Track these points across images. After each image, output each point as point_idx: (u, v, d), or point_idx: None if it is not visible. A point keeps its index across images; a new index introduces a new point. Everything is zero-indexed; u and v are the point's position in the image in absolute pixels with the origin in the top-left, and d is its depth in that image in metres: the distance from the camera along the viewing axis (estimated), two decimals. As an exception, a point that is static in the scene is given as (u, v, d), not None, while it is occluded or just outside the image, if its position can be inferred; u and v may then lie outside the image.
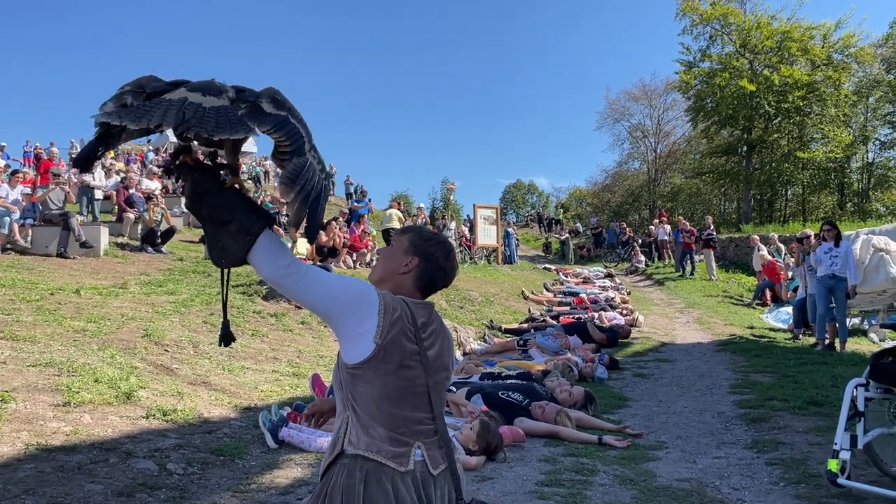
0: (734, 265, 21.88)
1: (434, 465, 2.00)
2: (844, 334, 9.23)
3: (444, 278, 2.13)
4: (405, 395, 1.98)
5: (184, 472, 3.67)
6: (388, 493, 1.92)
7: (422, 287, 2.11)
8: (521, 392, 5.52)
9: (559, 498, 3.56)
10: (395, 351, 1.95)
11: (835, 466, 3.52)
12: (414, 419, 2.01)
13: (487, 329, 10.90)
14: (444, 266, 2.11)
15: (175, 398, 5.07)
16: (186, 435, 4.31)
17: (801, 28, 31.25)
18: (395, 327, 1.95)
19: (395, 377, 1.96)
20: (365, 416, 1.96)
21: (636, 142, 45.69)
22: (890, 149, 35.30)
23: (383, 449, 1.94)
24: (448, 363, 2.13)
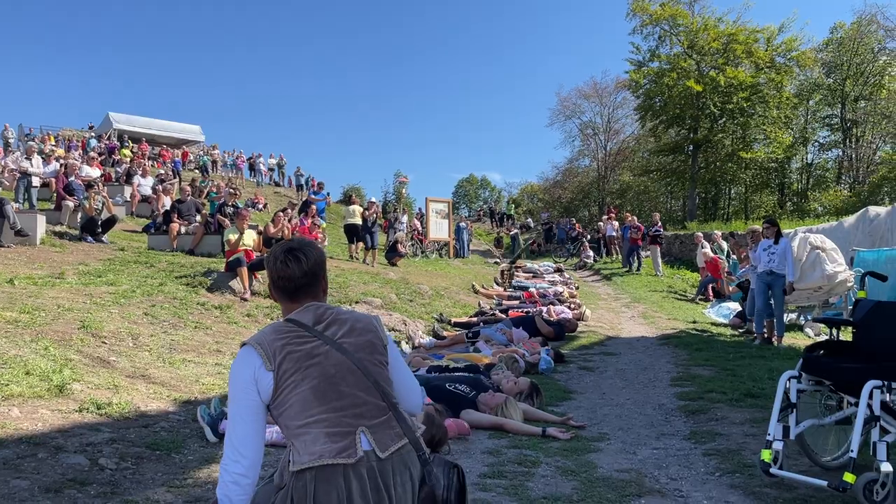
0: (679, 261, 22.39)
1: (383, 448, 2.03)
2: (781, 329, 9.51)
3: (284, 279, 2.23)
4: (325, 391, 2.04)
5: (116, 468, 3.56)
6: (339, 489, 1.94)
7: (283, 297, 2.26)
8: (468, 384, 5.53)
9: (501, 490, 3.57)
10: (290, 361, 2.05)
11: (768, 457, 3.62)
12: (347, 406, 2.04)
13: (437, 322, 10.90)
14: (275, 270, 2.23)
15: (111, 391, 4.92)
16: (121, 429, 4.18)
17: (746, 31, 32.10)
18: (280, 346, 2.06)
19: (305, 382, 2.04)
20: (300, 433, 2.02)
21: (587, 139, 46.37)
22: (828, 151, 36.63)
23: (325, 451, 1.97)
24: (370, 342, 2.18)
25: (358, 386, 2.09)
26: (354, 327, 2.19)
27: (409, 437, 2.11)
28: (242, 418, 2.06)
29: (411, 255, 19.37)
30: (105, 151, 26.83)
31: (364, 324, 2.23)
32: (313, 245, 2.34)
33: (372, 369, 2.14)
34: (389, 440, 2.06)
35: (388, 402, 2.13)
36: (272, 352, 2.06)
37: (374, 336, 2.22)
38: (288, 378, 2.04)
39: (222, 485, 2.05)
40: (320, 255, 2.32)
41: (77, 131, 36.41)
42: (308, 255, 2.26)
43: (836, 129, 35.57)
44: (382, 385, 2.14)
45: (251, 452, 2.05)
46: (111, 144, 29.23)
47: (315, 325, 2.15)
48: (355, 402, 2.07)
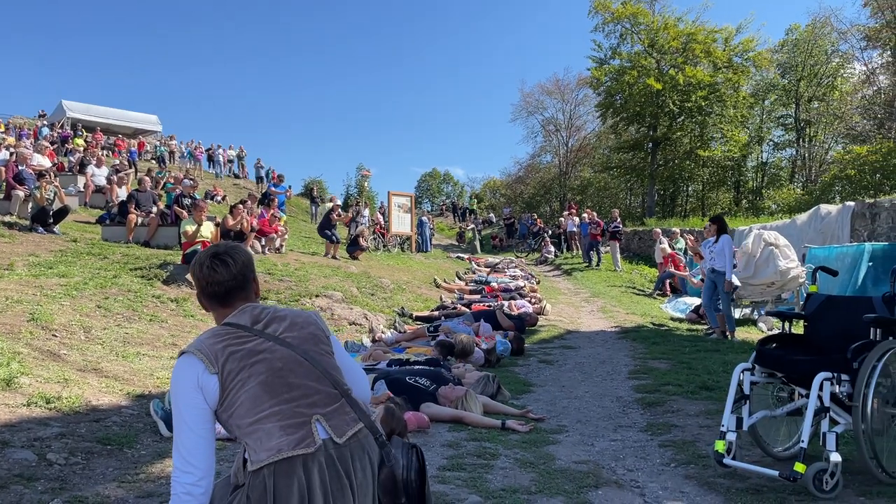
0: (638, 257, 22.72)
1: (340, 434, 2.01)
2: (731, 325, 9.69)
3: (213, 284, 2.18)
4: (274, 384, 2.00)
5: (66, 463, 3.46)
6: (299, 481, 1.91)
7: (214, 303, 2.21)
8: (428, 377, 5.52)
9: (459, 482, 3.57)
10: (234, 361, 2.00)
11: (721, 447, 3.69)
12: (298, 397, 2.01)
13: (398, 316, 10.86)
14: (202, 277, 2.19)
15: (61, 385, 4.78)
16: (71, 423, 4.07)
17: (705, 31, 32.64)
18: (220, 349, 2.01)
19: (252, 379, 1.99)
20: (253, 430, 1.97)
21: (549, 135, 46.65)
22: (782, 150, 37.52)
23: (283, 444, 1.93)
24: (312, 333, 2.16)
25: (307, 376, 2.06)
26: (295, 322, 2.16)
27: (364, 421, 2.10)
28: (189, 427, 2.00)
29: (373, 249, 19.26)
30: (58, 140, 26.10)
31: (304, 318, 2.20)
32: (239, 247, 2.29)
33: (319, 359, 2.11)
34: (346, 425, 2.04)
35: (340, 389, 2.10)
36: (213, 355, 2.01)
37: (316, 328, 2.19)
38: (234, 378, 1.99)
39: (175, 498, 1.98)
40: (248, 257, 2.26)
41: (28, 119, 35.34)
42: (235, 257, 2.21)
43: (790, 128, 36.46)
44: (332, 373, 2.12)
45: (202, 462, 1.99)
46: (64, 133, 28.44)
47: (254, 325, 2.11)
48: (306, 392, 2.03)
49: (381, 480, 2.07)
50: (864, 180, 22.81)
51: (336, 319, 9.53)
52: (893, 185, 20.95)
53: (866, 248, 10.85)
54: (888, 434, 3.57)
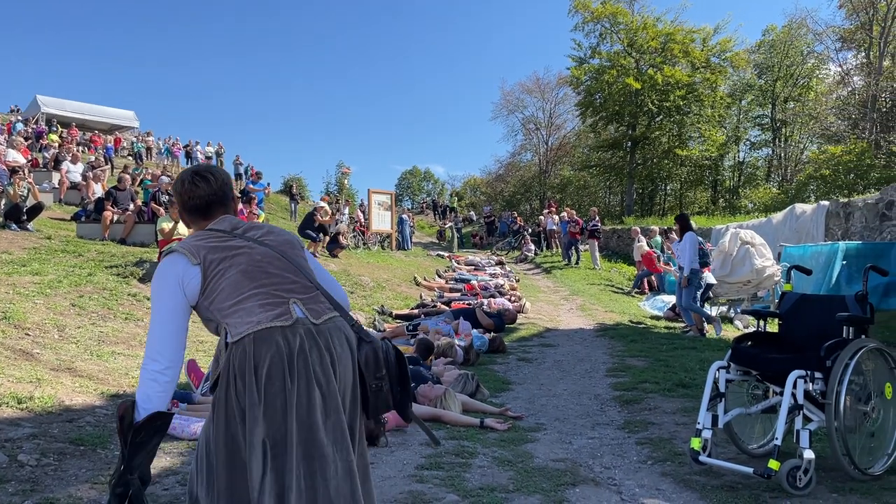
0: (616, 255, 22.85)
1: (316, 316, 2.14)
2: (687, 318, 9.79)
3: (195, 199, 2.32)
4: (253, 271, 2.15)
5: (37, 464, 3.40)
6: (277, 345, 2.03)
7: (196, 216, 2.34)
8: (407, 377, 5.51)
9: (437, 481, 3.56)
10: (216, 253, 2.14)
11: (697, 445, 3.72)
12: (277, 282, 2.16)
13: (378, 314, 10.84)
14: (184, 192, 2.32)
15: (33, 385, 4.71)
16: (43, 424, 4.00)
17: (684, 31, 32.89)
18: (202, 244, 2.16)
19: (233, 268, 2.13)
20: (234, 311, 2.09)
21: (529, 134, 46.74)
22: (759, 149, 37.95)
23: (263, 318, 2.06)
24: (288, 240, 2.33)
25: (284, 269, 2.20)
26: (273, 230, 2.33)
27: (339, 311, 2.23)
28: (163, 323, 2.11)
29: (353, 246, 19.20)
30: (32, 136, 25.67)
31: (280, 230, 2.37)
32: (221, 169, 2.45)
33: (295, 259, 2.25)
34: (321, 311, 2.17)
35: (315, 283, 2.24)
36: (195, 250, 2.14)
37: (292, 237, 2.37)
38: (216, 267, 2.12)
39: (141, 384, 2.08)
40: (227, 177, 2.41)
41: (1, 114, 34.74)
42: (216, 175, 2.36)
43: (766, 128, 36.88)
44: (307, 269, 2.25)
45: (170, 354, 2.09)
46: (39, 129, 27.98)
47: (234, 230, 2.25)
48: (284, 280, 2.17)
49: (363, 355, 2.18)
50: (838, 180, 23.13)
51: (315, 318, 9.48)
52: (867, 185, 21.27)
53: (840, 247, 10.99)
54: (860, 431, 3.63)
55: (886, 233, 11.71)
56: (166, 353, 2.09)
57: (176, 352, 2.12)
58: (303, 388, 2.03)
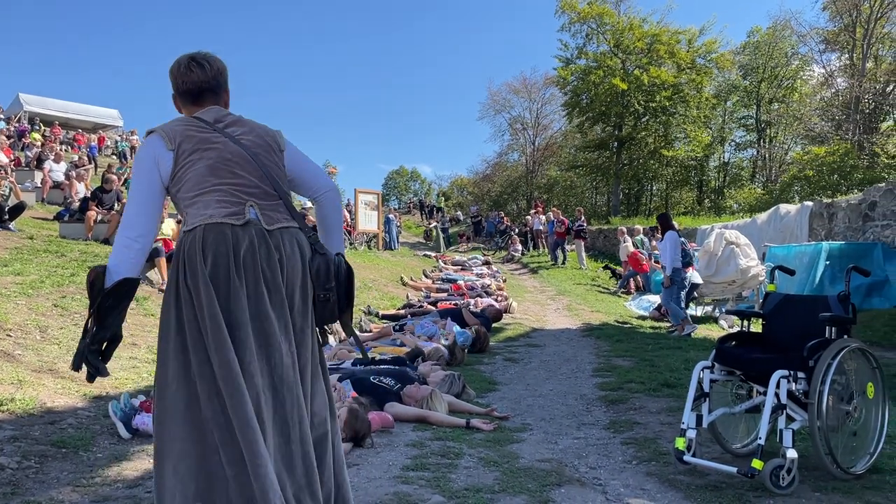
0: (603, 255, 22.93)
1: (270, 223, 2.25)
2: (676, 318, 9.83)
3: (188, 83, 2.40)
4: (220, 169, 2.24)
5: (18, 467, 3.36)
6: (225, 235, 2.17)
7: (187, 101, 2.42)
8: (393, 377, 5.50)
9: (423, 482, 3.56)
10: (190, 143, 2.24)
11: (682, 444, 3.73)
12: (239, 184, 2.25)
13: (364, 315, 10.81)
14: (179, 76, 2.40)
15: (14, 387, 4.65)
16: (24, 426, 3.96)
17: (669, 32, 33.09)
18: (180, 131, 2.26)
19: (202, 161, 2.22)
20: (194, 202, 2.21)
21: (516, 134, 46.85)
22: (743, 150, 38.25)
23: (216, 213, 2.18)
24: (267, 143, 2.38)
25: (252, 173, 2.29)
26: (254, 129, 2.39)
27: (298, 223, 2.35)
28: (140, 198, 2.25)
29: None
30: (14, 135, 25.39)
31: (263, 130, 2.42)
32: (217, 57, 2.50)
33: (267, 163, 2.33)
34: (276, 220, 2.28)
35: (280, 192, 2.33)
36: (172, 134, 2.25)
37: (272, 140, 2.41)
38: (186, 157, 2.23)
39: (114, 251, 2.21)
40: (223, 66, 2.48)
41: (-17, 113, 34.32)
42: (211, 62, 2.43)
43: (751, 129, 37.17)
44: (275, 177, 2.34)
45: (144, 222, 2.23)
46: (21, 127, 27.68)
47: (216, 123, 2.33)
48: (247, 183, 2.27)
49: (315, 266, 2.31)
50: (821, 181, 23.34)
51: (301, 318, 9.44)
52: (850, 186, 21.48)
53: (824, 248, 11.11)
54: (842, 430, 3.65)
55: (869, 233, 11.83)
56: (141, 222, 2.23)
57: (150, 223, 2.24)
58: (250, 280, 2.16)
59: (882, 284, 10.51)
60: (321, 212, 2.58)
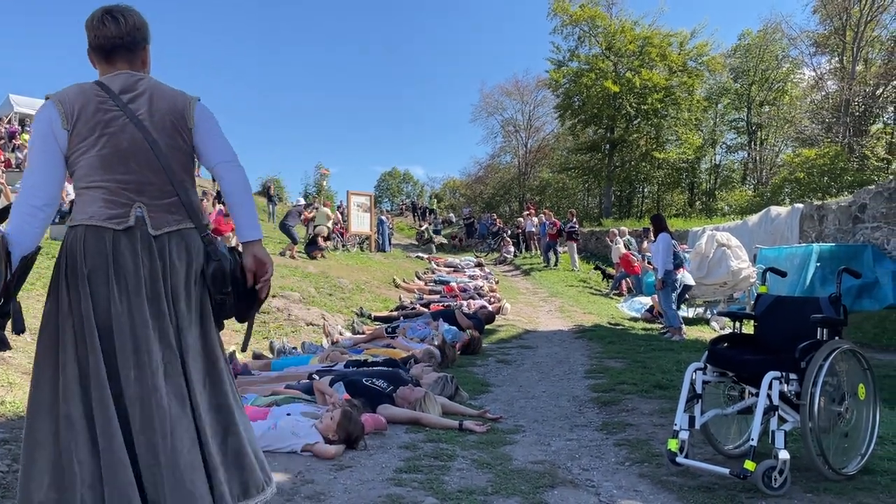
0: (595, 257, 22.98)
1: (157, 226, 2.20)
2: (674, 321, 9.84)
3: (100, 38, 2.29)
4: (111, 162, 2.15)
5: (8, 469, 3.34)
6: (104, 241, 2.14)
7: (99, 58, 2.32)
8: (386, 379, 5.48)
9: (416, 484, 3.55)
10: (86, 125, 2.14)
11: (674, 446, 3.74)
12: (129, 182, 2.18)
13: (357, 317, 10.79)
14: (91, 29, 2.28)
15: (5, 389, 4.63)
16: (15, 429, 3.92)
17: (661, 35, 33.23)
18: (80, 105, 2.16)
19: (94, 149, 2.15)
20: (82, 192, 2.18)
21: (508, 136, 46.94)
22: (735, 152, 38.41)
23: (97, 213, 2.15)
24: (173, 124, 2.27)
25: (148, 167, 2.20)
26: (161, 106, 2.26)
27: (194, 222, 2.28)
28: (42, 167, 2.17)
29: (332, 248, 19.11)
30: (4, 136, 25.26)
31: (171, 105, 2.28)
32: (136, 11, 2.38)
33: (168, 152, 2.23)
34: (166, 221, 2.22)
35: (178, 187, 2.25)
36: (71, 111, 2.16)
37: (179, 117, 2.29)
38: (81, 142, 2.16)
39: (14, 219, 2.13)
40: (141, 22, 2.35)
41: (-27, 113, 34.09)
42: (127, 16, 2.30)
43: (742, 132, 37.33)
44: (174, 168, 2.23)
45: (49, 193, 2.17)
46: (11, 129, 27.52)
47: (122, 93, 2.21)
48: (140, 179, 2.19)
49: (210, 271, 2.27)
50: (812, 183, 23.47)
51: (293, 320, 9.42)
52: (840, 188, 21.60)
53: (814, 249, 11.17)
54: (834, 432, 3.67)
55: (859, 235, 11.91)
56: (47, 191, 2.18)
57: (56, 191, 2.20)
58: (131, 287, 2.14)
59: (872, 286, 10.57)
60: (221, 187, 2.44)
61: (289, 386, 5.48)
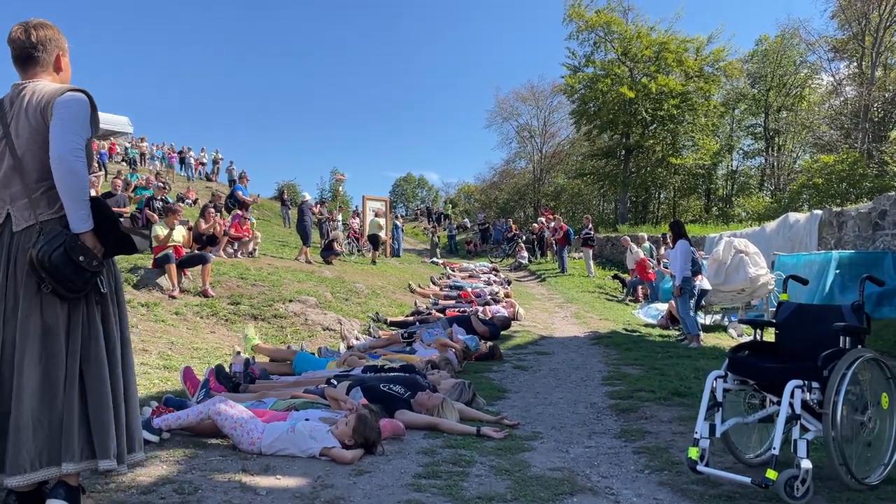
0: (610, 263, 22.89)
1: (18, 225, 2.72)
2: (693, 328, 9.76)
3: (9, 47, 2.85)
4: None
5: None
6: None
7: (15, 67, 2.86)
8: (403, 384, 5.49)
9: (435, 490, 3.55)
10: None
11: (695, 454, 3.72)
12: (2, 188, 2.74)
13: (373, 322, 10.81)
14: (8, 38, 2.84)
15: None
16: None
17: (677, 40, 33.10)
18: None
19: None
20: None
21: (523, 141, 46.94)
22: (752, 158, 38.15)
23: None
24: (37, 131, 2.73)
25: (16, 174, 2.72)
26: (32, 115, 2.71)
27: (38, 219, 2.71)
28: None
29: (347, 253, 19.18)
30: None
31: (41, 110, 2.72)
32: (49, 26, 2.90)
33: (31, 161, 2.72)
34: (23, 220, 2.72)
35: (32, 188, 2.71)
36: None
37: (44, 122, 2.71)
38: None
39: None
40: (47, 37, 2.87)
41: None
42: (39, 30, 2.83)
43: (759, 137, 37.09)
44: (34, 174, 2.72)
45: None
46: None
47: (11, 105, 2.76)
48: (7, 183, 2.73)
49: (27, 259, 2.65)
50: (831, 189, 23.24)
51: (310, 324, 9.46)
52: (859, 195, 21.38)
53: (833, 256, 11.07)
54: (857, 441, 3.63)
55: (879, 242, 11.79)
56: None
57: None
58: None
59: (893, 293, 10.45)
60: None
61: (307, 390, 5.51)
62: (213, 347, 7.56)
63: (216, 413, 4.17)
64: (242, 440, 4.09)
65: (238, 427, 4.11)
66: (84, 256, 2.68)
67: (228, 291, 10.06)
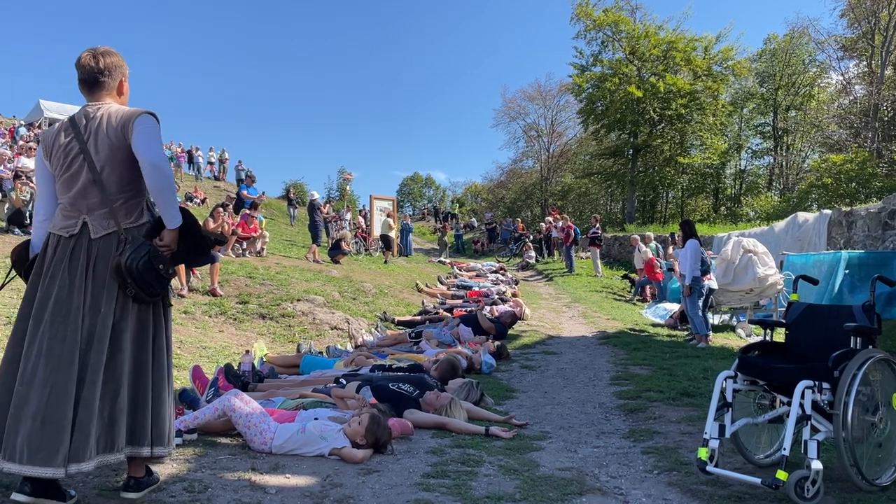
0: (618, 262, 22.85)
1: (96, 232, 2.96)
2: (701, 328, 9.70)
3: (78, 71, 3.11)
4: (70, 183, 2.99)
5: None
6: (59, 242, 2.96)
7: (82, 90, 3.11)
8: (412, 384, 5.50)
9: (444, 489, 3.56)
10: (57, 159, 3.03)
11: (704, 454, 3.71)
12: (79, 199, 2.98)
13: (380, 321, 10.82)
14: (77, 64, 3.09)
15: None
16: None
17: (686, 39, 32.98)
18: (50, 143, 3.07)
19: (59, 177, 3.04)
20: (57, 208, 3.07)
21: (531, 141, 46.86)
22: (760, 158, 37.98)
23: (58, 224, 3.00)
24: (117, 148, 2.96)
25: (94, 184, 2.96)
26: (109, 134, 2.96)
27: (118, 227, 2.96)
28: (40, 189, 3.16)
29: (354, 252, 19.21)
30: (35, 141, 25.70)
31: (120, 131, 2.95)
32: (114, 53, 3.15)
33: (110, 173, 2.96)
34: (101, 228, 2.96)
35: (110, 198, 2.96)
36: (48, 148, 3.07)
37: (124, 139, 2.95)
38: (54, 170, 3.06)
39: (34, 229, 3.16)
40: (112, 64, 3.11)
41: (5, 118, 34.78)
42: (104, 56, 3.09)
43: (768, 136, 36.92)
44: (114, 187, 2.97)
45: (45, 210, 3.12)
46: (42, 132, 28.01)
47: (87, 122, 3.01)
48: (87, 195, 2.97)
49: (111, 266, 2.90)
50: (840, 189, 23.11)
51: (317, 324, 9.48)
52: (869, 194, 21.26)
53: (843, 256, 11.00)
54: (868, 442, 3.62)
55: (889, 242, 11.71)
56: (43, 209, 3.12)
57: (50, 207, 3.10)
58: (74, 276, 2.89)
59: (902, 294, 10.39)
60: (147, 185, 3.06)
61: (315, 389, 5.52)
62: (221, 346, 7.59)
63: (230, 409, 4.19)
64: (254, 439, 4.11)
65: (251, 427, 4.13)
66: (163, 265, 3.01)
67: (237, 290, 10.09)
